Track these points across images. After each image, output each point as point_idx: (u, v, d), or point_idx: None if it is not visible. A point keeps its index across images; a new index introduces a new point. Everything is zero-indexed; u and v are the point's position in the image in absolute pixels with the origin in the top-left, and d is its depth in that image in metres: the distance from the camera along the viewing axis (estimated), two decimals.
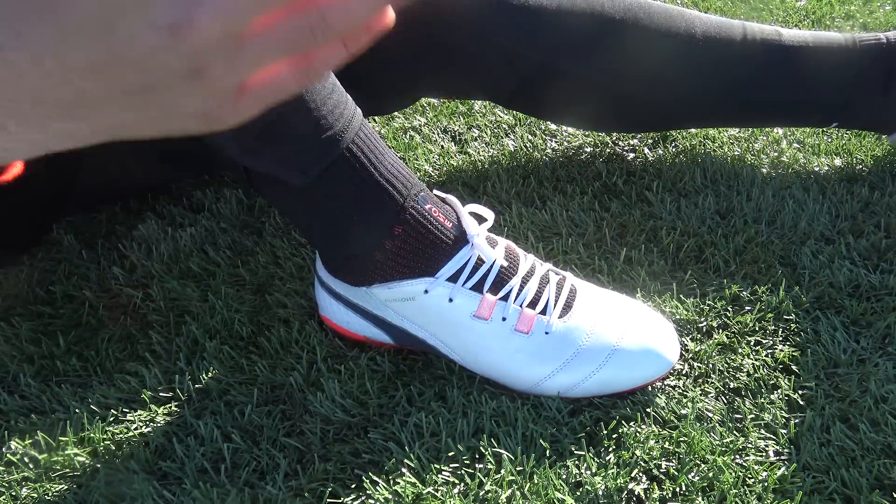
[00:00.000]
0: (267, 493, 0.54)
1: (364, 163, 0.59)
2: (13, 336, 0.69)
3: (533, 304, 0.61)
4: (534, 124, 1.04)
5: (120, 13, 0.31)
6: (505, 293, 0.61)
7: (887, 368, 0.63)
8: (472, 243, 0.61)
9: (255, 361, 0.65)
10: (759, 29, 0.87)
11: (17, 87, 0.31)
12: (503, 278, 0.61)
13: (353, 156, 0.58)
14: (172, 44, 0.31)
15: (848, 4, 1.51)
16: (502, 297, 0.61)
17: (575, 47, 0.82)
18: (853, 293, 0.72)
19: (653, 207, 0.84)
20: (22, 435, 0.60)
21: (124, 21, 0.31)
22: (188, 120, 0.37)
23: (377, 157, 0.60)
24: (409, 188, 0.61)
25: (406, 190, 0.60)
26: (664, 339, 0.63)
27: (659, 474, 0.55)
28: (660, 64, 0.84)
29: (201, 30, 0.31)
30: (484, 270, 0.61)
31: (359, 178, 0.59)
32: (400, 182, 0.60)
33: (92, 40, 0.31)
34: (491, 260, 0.61)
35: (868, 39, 0.87)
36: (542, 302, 0.61)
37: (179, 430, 0.60)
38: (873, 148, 0.97)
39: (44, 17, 0.30)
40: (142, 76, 0.33)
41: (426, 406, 0.60)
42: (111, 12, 0.31)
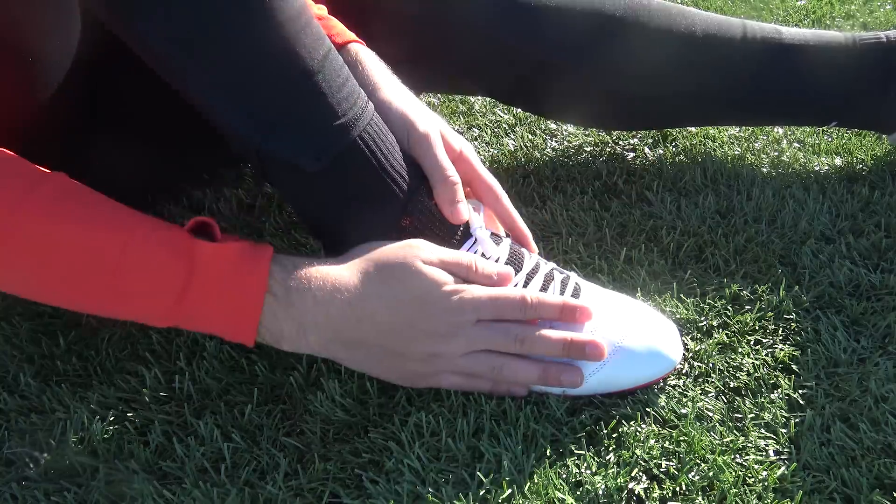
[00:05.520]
0: (267, 492, 0.54)
1: (375, 152, 0.59)
2: (13, 336, 0.69)
3: None
4: (534, 124, 1.04)
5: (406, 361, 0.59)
6: None
7: (887, 368, 0.63)
8: (475, 237, 0.62)
9: (255, 361, 0.65)
10: (760, 27, 0.87)
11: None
12: None
13: (365, 144, 0.59)
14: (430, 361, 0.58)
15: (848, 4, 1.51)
16: None
17: (575, 45, 0.82)
18: (853, 293, 0.72)
19: (653, 207, 0.84)
20: (22, 435, 0.60)
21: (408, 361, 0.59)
22: (401, 375, 0.60)
23: (387, 148, 0.60)
24: (416, 182, 0.61)
25: (414, 183, 0.61)
26: (667, 338, 0.63)
27: (659, 473, 0.55)
28: (660, 62, 0.84)
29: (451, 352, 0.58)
30: None
31: (369, 168, 0.59)
32: (408, 175, 0.61)
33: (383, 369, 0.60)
34: (496, 256, 0.62)
35: (868, 39, 0.87)
36: None
37: (179, 430, 0.60)
38: (873, 147, 0.97)
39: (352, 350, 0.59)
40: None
41: (426, 406, 0.60)
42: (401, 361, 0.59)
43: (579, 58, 0.82)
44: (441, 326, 0.57)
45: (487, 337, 0.58)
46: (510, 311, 0.58)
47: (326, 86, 0.57)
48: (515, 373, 0.59)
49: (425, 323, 0.57)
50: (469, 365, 0.58)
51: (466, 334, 0.57)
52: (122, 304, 0.57)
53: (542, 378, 0.59)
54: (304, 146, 0.58)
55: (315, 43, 0.57)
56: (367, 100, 0.61)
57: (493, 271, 0.60)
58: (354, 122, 0.58)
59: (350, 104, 0.58)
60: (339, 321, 0.57)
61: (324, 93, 0.57)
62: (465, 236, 0.62)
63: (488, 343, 0.58)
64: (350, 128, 0.58)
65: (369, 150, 0.59)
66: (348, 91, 0.59)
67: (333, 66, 0.58)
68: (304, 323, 0.57)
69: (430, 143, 0.62)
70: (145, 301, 0.56)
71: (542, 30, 0.81)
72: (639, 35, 0.82)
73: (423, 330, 0.57)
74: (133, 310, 0.57)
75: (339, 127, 0.57)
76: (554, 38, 0.81)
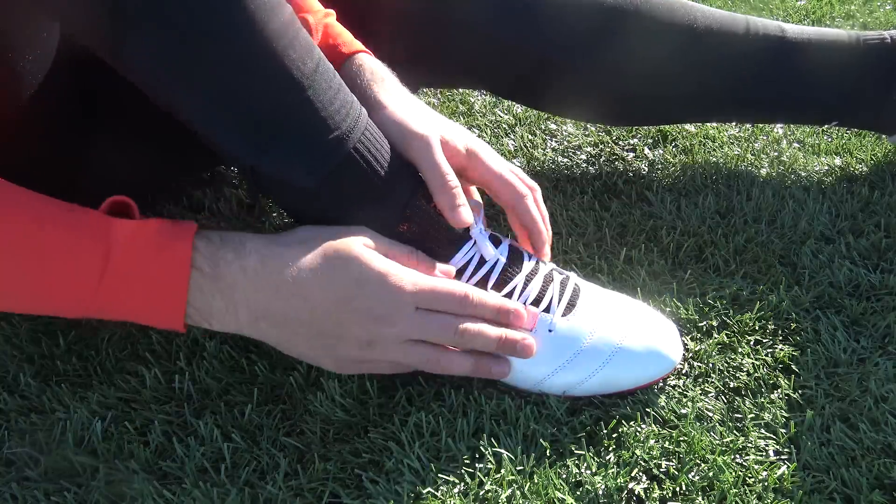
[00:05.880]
0: (267, 492, 0.54)
1: (370, 161, 0.59)
2: (13, 336, 0.69)
3: (536, 303, 0.61)
4: (534, 124, 1.04)
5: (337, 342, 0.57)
6: (508, 290, 0.61)
7: (887, 368, 0.63)
8: (474, 239, 0.61)
9: (255, 361, 0.65)
10: (763, 24, 0.86)
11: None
12: (507, 276, 0.61)
13: (360, 155, 0.58)
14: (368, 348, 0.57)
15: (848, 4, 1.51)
16: (506, 295, 0.61)
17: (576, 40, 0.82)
18: (853, 293, 0.72)
19: (653, 207, 0.84)
20: (22, 435, 0.60)
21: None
22: (333, 360, 0.59)
23: (383, 155, 0.60)
24: (413, 187, 0.61)
25: (410, 189, 0.61)
26: (667, 339, 0.63)
27: (659, 474, 0.55)
28: (661, 57, 0.84)
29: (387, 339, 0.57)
30: (488, 267, 0.61)
31: (365, 178, 0.59)
32: (404, 181, 0.60)
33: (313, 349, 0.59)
34: (494, 257, 0.61)
35: (872, 38, 0.87)
36: (545, 300, 0.61)
37: (179, 430, 0.60)
38: (873, 147, 0.97)
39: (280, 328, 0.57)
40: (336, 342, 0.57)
41: (426, 406, 0.60)
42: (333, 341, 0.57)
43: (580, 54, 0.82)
44: (377, 307, 0.56)
45: (426, 326, 0.57)
46: (449, 303, 0.58)
47: (318, 99, 0.56)
48: (450, 365, 0.58)
49: (361, 302, 0.55)
50: (406, 355, 0.58)
51: (404, 320, 0.56)
52: (39, 296, 0.54)
53: (474, 370, 0.59)
54: (298, 164, 0.57)
55: (304, 56, 0.56)
56: (361, 108, 0.60)
57: (436, 268, 0.60)
58: (348, 133, 0.57)
59: (343, 115, 0.58)
60: (270, 296, 0.55)
61: (315, 107, 0.56)
62: (463, 238, 0.62)
63: (426, 332, 0.57)
64: (344, 140, 0.57)
65: (364, 160, 0.58)
66: (341, 102, 0.58)
67: (324, 78, 0.57)
68: (234, 298, 0.55)
69: (428, 148, 0.61)
70: (63, 289, 0.53)
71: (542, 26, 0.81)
72: (640, 30, 0.82)
73: (358, 310, 0.56)
74: (51, 301, 0.54)
75: (333, 140, 0.57)
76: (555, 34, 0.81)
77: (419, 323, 0.57)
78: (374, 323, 0.56)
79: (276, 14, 0.54)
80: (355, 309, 0.56)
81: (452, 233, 0.62)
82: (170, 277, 0.54)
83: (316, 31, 0.67)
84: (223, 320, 0.56)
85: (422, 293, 0.57)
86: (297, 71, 0.55)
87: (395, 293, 0.56)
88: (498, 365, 0.60)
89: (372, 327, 0.56)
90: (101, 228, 0.53)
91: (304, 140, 0.56)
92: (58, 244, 0.53)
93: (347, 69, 0.66)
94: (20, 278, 0.53)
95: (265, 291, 0.55)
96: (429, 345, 0.58)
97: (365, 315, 0.56)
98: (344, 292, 0.55)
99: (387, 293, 0.56)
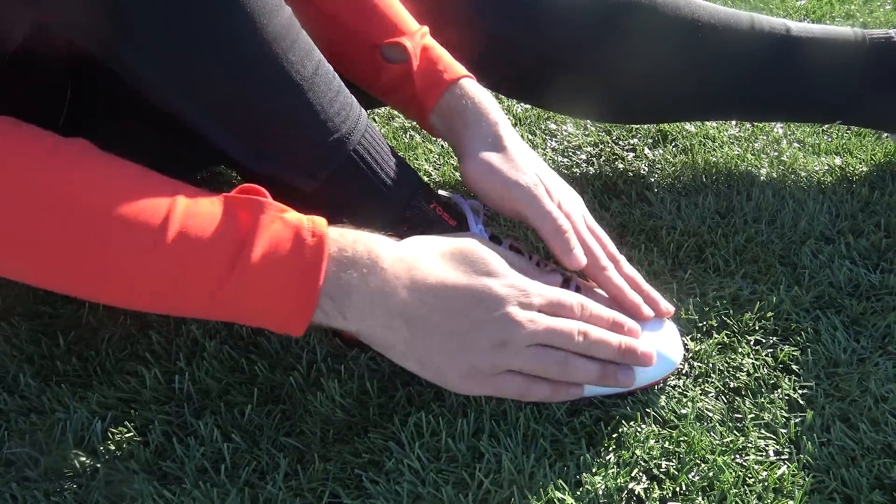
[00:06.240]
0: (267, 492, 0.54)
1: (370, 163, 0.59)
2: (13, 336, 0.69)
3: None
4: (534, 124, 1.04)
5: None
6: None
7: (887, 368, 0.63)
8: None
9: (255, 361, 0.65)
10: (768, 21, 0.86)
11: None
12: None
13: (360, 157, 0.58)
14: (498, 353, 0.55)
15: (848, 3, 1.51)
16: None
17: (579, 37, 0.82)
18: (853, 293, 0.72)
19: (653, 207, 0.84)
20: (22, 435, 0.60)
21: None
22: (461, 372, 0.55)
23: (382, 157, 0.60)
24: (413, 188, 0.61)
25: (411, 190, 0.61)
26: (668, 339, 0.63)
27: (659, 474, 0.55)
28: (665, 54, 0.83)
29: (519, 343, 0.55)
30: None
31: (365, 180, 0.59)
32: (405, 182, 0.60)
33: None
34: None
35: (878, 36, 0.86)
36: None
37: (179, 430, 0.60)
38: (873, 147, 0.97)
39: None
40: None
41: (426, 406, 0.60)
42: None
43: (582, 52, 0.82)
44: (510, 303, 0.55)
45: (555, 326, 0.56)
46: (569, 310, 0.57)
47: (317, 102, 0.56)
48: (578, 369, 0.56)
49: (494, 299, 0.54)
50: (535, 358, 0.55)
51: (535, 319, 0.55)
52: (170, 273, 0.50)
53: (601, 376, 0.57)
54: (298, 167, 0.57)
55: (304, 59, 0.55)
56: (361, 109, 0.60)
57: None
58: (348, 136, 0.57)
59: (343, 118, 0.57)
60: (405, 292, 0.53)
61: (315, 110, 0.56)
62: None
63: (554, 332, 0.55)
64: (344, 143, 0.57)
65: (364, 162, 0.58)
66: (341, 104, 0.58)
67: (324, 80, 0.57)
68: (372, 289, 0.53)
69: (533, 196, 0.61)
70: (195, 264, 0.50)
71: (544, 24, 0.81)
72: (645, 27, 0.82)
73: (492, 307, 0.54)
74: (182, 280, 0.50)
75: (333, 143, 0.57)
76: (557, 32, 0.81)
77: (550, 323, 0.56)
78: (507, 322, 0.54)
79: (275, 17, 0.54)
80: (490, 307, 0.54)
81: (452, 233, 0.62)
82: (307, 263, 0.51)
83: (415, 55, 0.65)
84: (360, 313, 0.53)
85: (545, 296, 0.57)
86: (296, 74, 0.55)
87: (525, 294, 0.55)
88: (624, 372, 0.58)
89: (506, 326, 0.54)
90: (243, 202, 0.51)
91: (303, 143, 0.56)
92: (203, 213, 0.50)
93: (450, 97, 0.65)
94: (153, 252, 0.49)
95: (402, 287, 0.53)
96: (556, 350, 0.56)
97: (499, 314, 0.54)
98: (478, 291, 0.55)
99: (518, 293, 0.55)
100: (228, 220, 0.51)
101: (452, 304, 0.54)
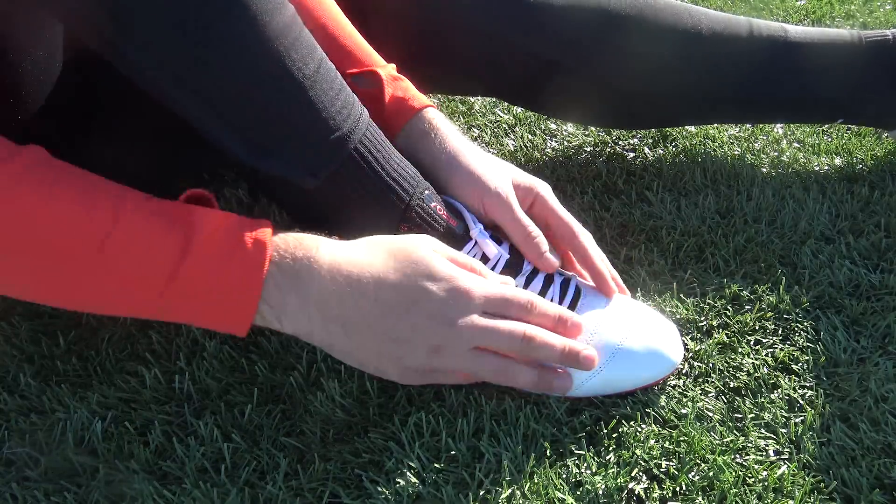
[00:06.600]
0: (267, 492, 0.54)
1: (371, 163, 0.59)
2: (13, 336, 0.69)
3: None
4: (534, 124, 1.04)
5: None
6: None
7: (887, 368, 0.63)
8: (475, 240, 0.62)
9: (255, 361, 0.65)
10: (766, 25, 0.87)
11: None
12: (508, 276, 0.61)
13: (361, 156, 0.58)
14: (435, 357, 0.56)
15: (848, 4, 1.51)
16: None
17: (580, 44, 0.82)
18: (853, 292, 0.72)
19: (653, 207, 0.84)
20: (22, 435, 0.60)
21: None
22: (399, 370, 0.57)
23: (384, 156, 0.60)
24: (414, 187, 0.61)
25: (412, 189, 0.61)
26: (668, 339, 0.63)
27: (659, 474, 0.55)
28: (665, 60, 0.84)
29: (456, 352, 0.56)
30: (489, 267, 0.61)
31: (366, 179, 0.59)
32: (406, 181, 0.60)
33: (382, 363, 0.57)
34: (496, 256, 0.62)
35: (874, 37, 0.87)
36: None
37: (179, 430, 0.60)
38: (873, 147, 0.97)
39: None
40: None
41: (426, 406, 0.60)
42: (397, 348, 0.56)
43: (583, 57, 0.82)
44: (448, 309, 0.55)
45: (495, 331, 0.56)
46: (516, 309, 0.57)
47: (319, 100, 0.56)
48: (516, 376, 0.58)
49: (431, 304, 0.55)
50: (472, 363, 0.56)
51: (474, 325, 0.55)
52: (106, 285, 0.52)
53: (536, 383, 0.58)
54: (299, 165, 0.57)
55: (306, 57, 0.56)
56: (362, 108, 0.60)
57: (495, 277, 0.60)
58: (350, 134, 0.57)
59: (345, 116, 0.57)
60: (343, 297, 0.54)
61: (317, 108, 0.56)
62: (465, 239, 0.62)
63: (494, 338, 0.56)
64: (346, 141, 0.57)
65: (365, 161, 0.58)
66: (342, 103, 0.58)
67: (326, 79, 0.57)
68: (309, 296, 0.54)
69: (505, 204, 0.63)
70: (136, 276, 0.52)
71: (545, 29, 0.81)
72: (644, 33, 0.82)
73: (429, 312, 0.55)
74: (118, 291, 0.53)
75: (335, 141, 0.57)
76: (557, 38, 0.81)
77: (488, 328, 0.56)
78: (444, 325, 0.55)
79: (277, 15, 0.54)
80: (426, 311, 0.55)
81: (453, 233, 0.62)
82: (247, 270, 0.53)
83: (388, 83, 0.67)
84: (296, 319, 0.55)
85: (489, 297, 0.56)
86: (298, 73, 0.55)
87: (464, 295, 0.55)
88: (560, 379, 0.59)
89: (442, 330, 0.55)
90: (182, 215, 0.53)
91: (305, 141, 0.56)
92: (139, 228, 0.52)
93: (418, 123, 0.67)
94: (91, 266, 0.52)
95: (338, 292, 0.54)
96: (496, 354, 0.57)
97: (435, 317, 0.55)
98: (415, 293, 0.55)
99: (457, 295, 0.55)
100: (169, 229, 0.52)
101: (389, 309, 0.55)
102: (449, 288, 0.55)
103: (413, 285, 0.55)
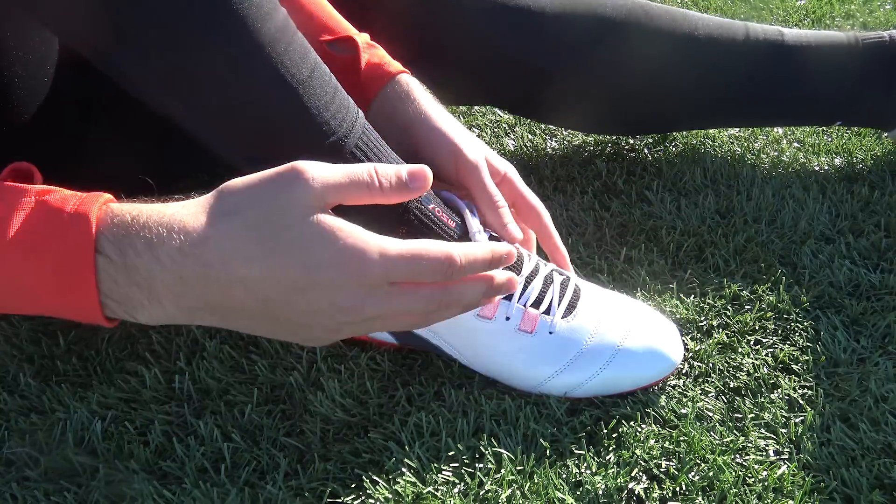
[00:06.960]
0: (267, 492, 0.54)
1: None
2: (13, 336, 0.69)
3: (537, 304, 0.61)
4: (534, 124, 1.04)
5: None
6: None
7: (887, 368, 0.63)
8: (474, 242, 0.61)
9: (255, 361, 0.65)
10: (762, 29, 0.87)
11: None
12: None
13: (357, 160, 0.58)
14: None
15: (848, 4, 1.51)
16: (506, 297, 0.61)
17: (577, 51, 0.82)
18: (853, 292, 0.72)
19: (653, 207, 0.84)
20: (22, 435, 0.60)
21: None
22: (302, 341, 0.51)
23: (380, 159, 0.59)
24: None
25: None
26: (668, 339, 0.63)
27: (659, 474, 0.55)
28: (662, 66, 0.84)
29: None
30: None
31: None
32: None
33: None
34: None
35: (871, 38, 0.87)
36: (545, 302, 0.61)
37: (179, 430, 0.60)
38: (873, 147, 0.97)
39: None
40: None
41: (426, 406, 0.60)
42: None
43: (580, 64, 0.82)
44: (338, 297, 0.46)
45: (404, 308, 0.48)
46: (431, 273, 0.48)
47: (314, 106, 0.56)
48: (462, 296, 0.51)
49: (316, 292, 0.45)
50: (401, 305, 0.48)
51: (375, 304, 0.47)
52: None
53: (487, 291, 0.51)
54: None
55: (300, 62, 0.55)
56: (358, 110, 0.60)
57: (406, 173, 0.50)
58: (345, 137, 0.57)
59: (340, 120, 0.57)
60: (199, 287, 0.45)
61: (312, 112, 0.55)
62: (463, 239, 0.62)
63: (405, 312, 0.49)
64: (342, 144, 0.57)
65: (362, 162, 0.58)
66: (337, 106, 0.57)
67: (320, 83, 0.57)
68: (153, 288, 0.45)
69: (478, 172, 0.63)
70: None
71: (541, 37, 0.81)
72: (641, 40, 0.82)
73: (316, 301, 0.46)
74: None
75: (331, 145, 0.56)
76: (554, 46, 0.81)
77: (395, 303, 0.48)
78: (338, 313, 0.47)
79: (270, 20, 0.53)
80: (312, 300, 0.46)
81: (451, 233, 0.62)
82: (74, 264, 0.44)
83: (364, 49, 0.68)
84: (150, 314, 0.47)
85: (394, 265, 0.47)
86: (291, 77, 0.55)
87: (358, 275, 0.46)
88: (503, 274, 0.52)
89: (337, 317, 0.47)
90: (12, 191, 0.45)
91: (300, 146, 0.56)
92: None
93: (394, 87, 0.67)
94: None
95: (191, 282, 0.45)
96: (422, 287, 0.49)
97: (325, 306, 0.46)
98: (292, 282, 0.45)
99: (348, 277, 0.46)
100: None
101: (264, 297, 0.46)
102: (337, 270, 0.45)
103: (288, 273, 0.45)
